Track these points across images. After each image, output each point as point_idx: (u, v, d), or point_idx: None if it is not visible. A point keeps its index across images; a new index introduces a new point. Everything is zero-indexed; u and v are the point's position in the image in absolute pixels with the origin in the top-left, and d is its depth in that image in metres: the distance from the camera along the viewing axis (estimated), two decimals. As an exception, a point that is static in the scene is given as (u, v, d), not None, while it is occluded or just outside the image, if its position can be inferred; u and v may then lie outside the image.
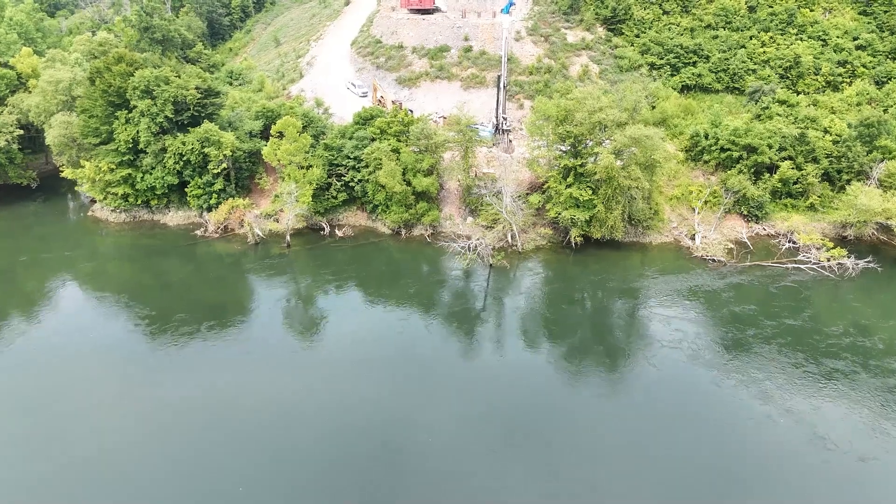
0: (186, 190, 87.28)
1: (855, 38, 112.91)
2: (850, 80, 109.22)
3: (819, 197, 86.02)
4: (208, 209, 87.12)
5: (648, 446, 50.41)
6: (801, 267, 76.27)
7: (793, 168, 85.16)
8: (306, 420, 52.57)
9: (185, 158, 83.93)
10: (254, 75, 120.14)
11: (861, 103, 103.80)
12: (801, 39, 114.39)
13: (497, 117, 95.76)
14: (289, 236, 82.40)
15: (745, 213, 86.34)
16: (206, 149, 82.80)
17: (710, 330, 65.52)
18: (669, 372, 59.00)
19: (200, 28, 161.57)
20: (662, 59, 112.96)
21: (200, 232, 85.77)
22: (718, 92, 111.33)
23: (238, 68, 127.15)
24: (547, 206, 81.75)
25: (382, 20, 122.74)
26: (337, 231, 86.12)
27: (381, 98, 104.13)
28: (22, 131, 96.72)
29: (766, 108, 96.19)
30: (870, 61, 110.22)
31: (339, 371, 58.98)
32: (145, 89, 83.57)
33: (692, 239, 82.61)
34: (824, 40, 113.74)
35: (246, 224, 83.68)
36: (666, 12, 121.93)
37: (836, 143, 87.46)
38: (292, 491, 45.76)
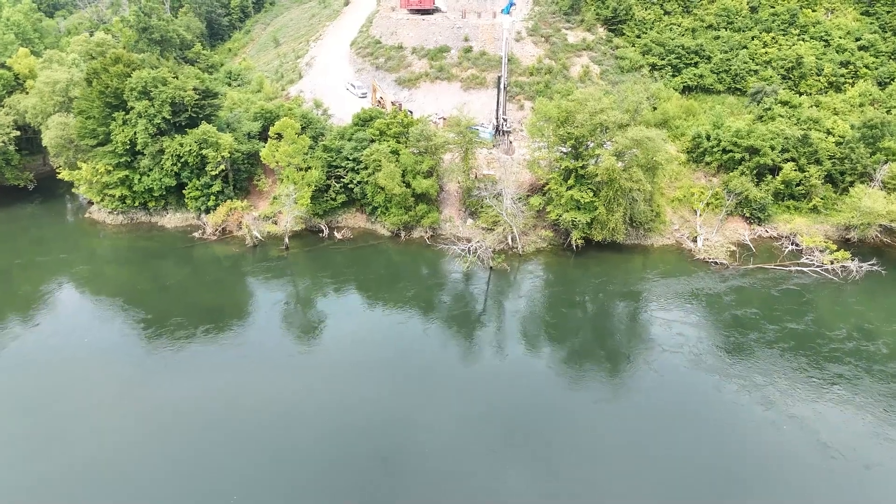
0: (184, 192, 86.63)
1: (857, 39, 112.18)
2: (852, 81, 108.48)
3: (822, 199, 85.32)
4: (206, 211, 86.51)
5: (649, 449, 49.85)
6: (805, 270, 75.60)
7: (795, 170, 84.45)
8: (306, 421, 52.17)
9: (182, 160, 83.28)
10: (252, 76, 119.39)
11: (864, 104, 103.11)
12: (804, 40, 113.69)
13: (497, 118, 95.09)
14: (287, 238, 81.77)
15: (747, 215, 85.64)
16: (204, 150, 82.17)
17: (711, 334, 64.89)
18: (670, 376, 58.44)
19: (199, 28, 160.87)
20: (664, 59, 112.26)
21: (198, 234, 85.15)
22: (720, 93, 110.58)
23: (237, 69, 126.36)
24: (548, 208, 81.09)
25: (382, 20, 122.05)
26: (336, 233, 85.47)
27: (381, 99, 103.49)
28: (19, 132, 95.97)
29: (768, 109, 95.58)
30: (872, 62, 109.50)
31: (337, 374, 58.40)
32: (143, 90, 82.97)
33: (694, 241, 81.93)
34: (826, 41, 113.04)
35: (244, 226, 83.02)
36: (667, 13, 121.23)
37: (839, 145, 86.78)
38: (292, 491, 45.63)
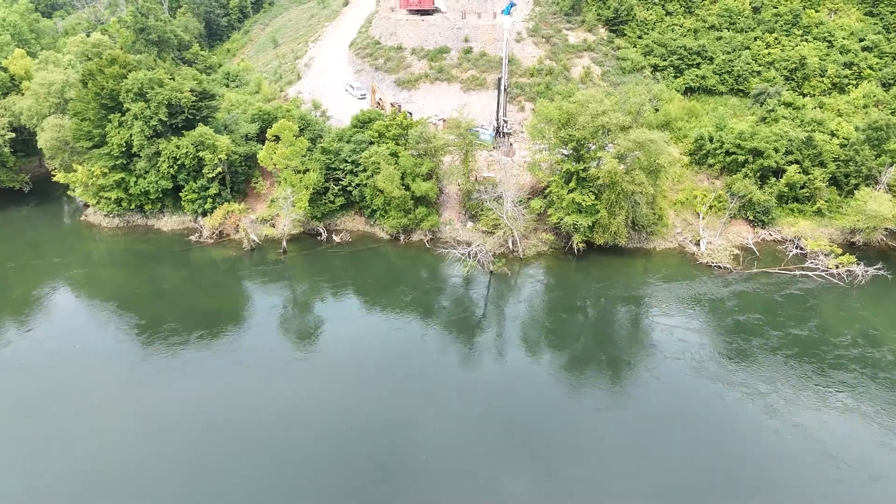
0: (181, 194, 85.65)
1: (861, 40, 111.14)
2: (856, 82, 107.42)
3: (826, 202, 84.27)
4: (203, 214, 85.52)
5: (650, 455, 49.04)
6: (809, 274, 74.54)
7: (799, 172, 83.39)
8: (305, 422, 52.01)
9: (179, 162, 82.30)
10: (251, 77, 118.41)
11: (868, 106, 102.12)
12: (807, 41, 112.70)
13: (498, 120, 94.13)
14: (285, 242, 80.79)
15: (750, 218, 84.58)
16: (201, 152, 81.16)
17: (714, 340, 63.84)
18: (672, 383, 57.43)
19: (198, 29, 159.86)
20: (665, 60, 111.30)
21: (195, 237, 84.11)
22: (723, 94, 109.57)
23: (235, 70, 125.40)
24: (549, 211, 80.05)
25: (381, 21, 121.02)
26: (334, 236, 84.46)
27: (380, 100, 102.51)
28: (14, 134, 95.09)
29: (771, 110, 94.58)
30: (876, 63, 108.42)
31: (336, 376, 57.74)
32: (139, 92, 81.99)
33: (697, 245, 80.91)
34: (830, 41, 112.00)
35: (241, 229, 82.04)
36: (669, 13, 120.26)
37: (844, 147, 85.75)
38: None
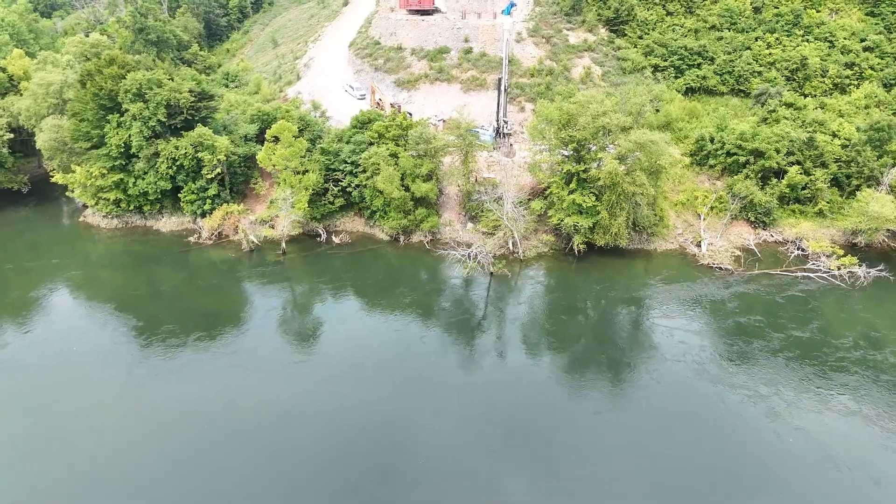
0: (180, 195, 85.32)
1: (862, 40, 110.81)
2: (857, 83, 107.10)
3: (828, 203, 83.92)
4: (202, 215, 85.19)
5: (649, 454, 48.72)
6: (811, 276, 74.14)
7: (801, 173, 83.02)
8: (304, 422, 51.84)
9: (178, 163, 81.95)
10: (250, 77, 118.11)
11: (869, 106, 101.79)
12: (808, 41, 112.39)
13: (498, 120, 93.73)
14: (284, 243, 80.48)
15: (752, 219, 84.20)
16: (200, 153, 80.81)
17: (715, 342, 63.44)
18: (672, 386, 57.02)
19: (197, 29, 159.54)
20: (666, 60, 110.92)
21: (194, 238, 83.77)
22: (723, 94, 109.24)
23: (234, 70, 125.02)
24: (549, 212, 79.67)
25: (381, 21, 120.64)
26: (334, 237, 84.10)
27: (380, 101, 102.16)
28: (12, 135, 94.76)
29: (772, 111, 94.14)
30: (878, 63, 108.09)
31: (335, 378, 57.44)
32: (137, 92, 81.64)
33: (698, 246, 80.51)
34: (831, 42, 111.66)
35: (240, 230, 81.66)
36: (669, 13, 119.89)
37: (845, 148, 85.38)
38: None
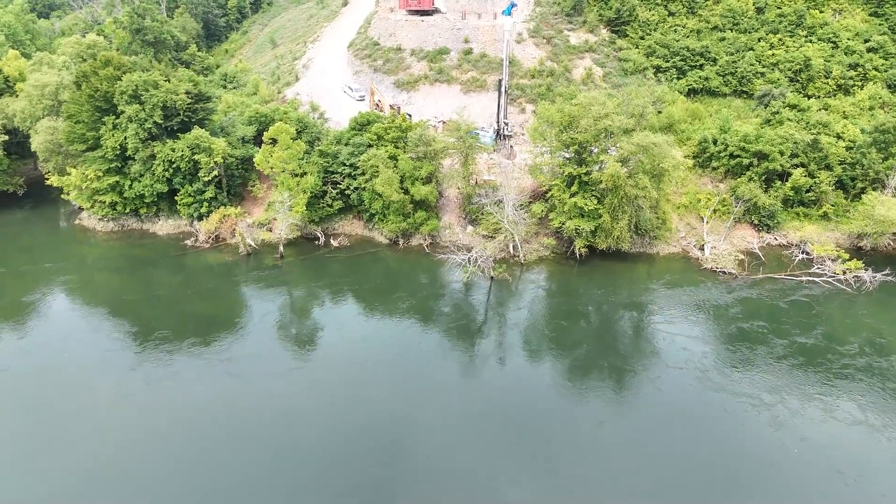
0: (176, 198, 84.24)
1: (866, 41, 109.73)
2: (861, 84, 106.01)
3: (833, 206, 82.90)
4: (199, 218, 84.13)
5: (651, 463, 47.81)
6: (816, 280, 73.12)
7: (805, 175, 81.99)
8: (299, 429, 50.98)
9: (174, 165, 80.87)
10: (248, 78, 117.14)
11: (874, 107, 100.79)
12: (811, 41, 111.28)
13: (498, 122, 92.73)
14: (282, 246, 79.50)
15: (755, 222, 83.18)
16: (197, 155, 79.75)
17: (718, 348, 62.41)
18: (674, 394, 55.98)
19: (195, 29, 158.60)
20: (668, 61, 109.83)
21: (191, 242, 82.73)
22: (726, 96, 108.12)
23: (233, 71, 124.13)
24: (550, 215, 78.63)
25: (380, 21, 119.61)
26: (332, 241, 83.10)
27: (379, 102, 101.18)
28: (7, 136, 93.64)
29: (776, 112, 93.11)
30: (882, 64, 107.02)
31: (330, 386, 56.35)
32: (133, 94, 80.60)
33: (701, 250, 79.49)
34: (835, 42, 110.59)
35: (238, 234, 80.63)
36: (671, 13, 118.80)
37: (850, 150, 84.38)
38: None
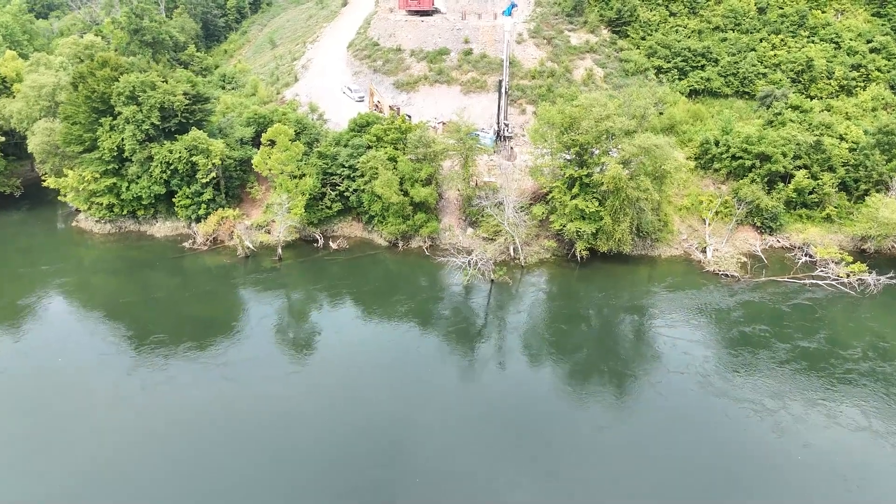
0: (174, 200, 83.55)
1: (869, 41, 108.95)
2: (864, 85, 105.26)
3: (836, 208, 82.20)
4: (197, 220, 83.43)
5: (652, 470, 47.15)
6: (820, 283, 72.37)
7: (808, 177, 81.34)
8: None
9: (172, 167, 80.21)
10: (247, 79, 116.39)
11: (876, 109, 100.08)
12: (813, 42, 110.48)
13: (498, 123, 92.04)
14: (280, 249, 78.80)
15: (758, 224, 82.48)
16: (195, 157, 79.07)
17: (719, 353, 61.71)
18: (675, 399, 55.21)
19: (194, 29, 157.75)
20: (669, 62, 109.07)
21: (189, 244, 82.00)
22: (728, 97, 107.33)
23: (231, 72, 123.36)
24: (551, 217, 77.96)
25: (380, 22, 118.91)
26: (331, 243, 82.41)
27: (378, 103, 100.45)
28: (4, 138, 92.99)
29: (778, 113, 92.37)
30: (885, 65, 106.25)
31: (328, 391, 55.74)
32: (130, 95, 79.89)
33: (703, 252, 78.79)
34: (837, 43, 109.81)
35: (236, 236, 79.93)
36: (673, 14, 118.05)
37: (853, 151, 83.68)
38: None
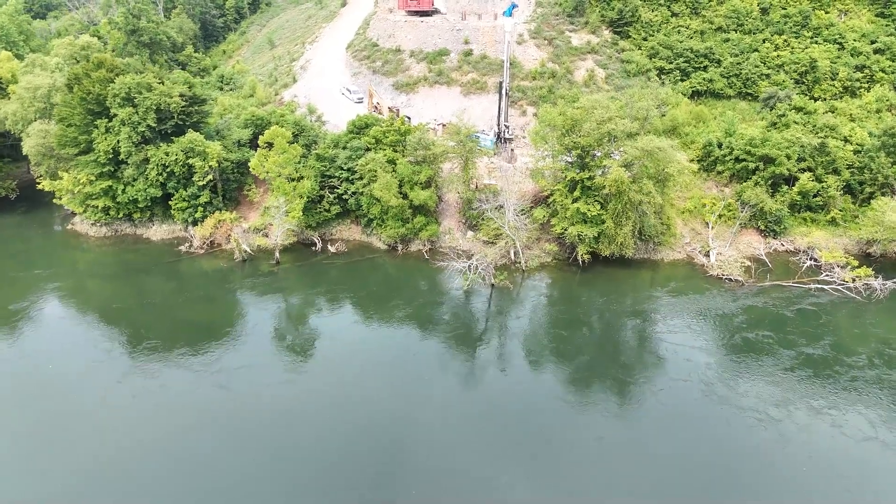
0: (171, 203, 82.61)
1: (873, 42, 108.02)
2: (868, 86, 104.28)
3: (841, 211, 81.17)
4: (193, 223, 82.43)
5: (653, 479, 46.34)
6: (825, 287, 71.32)
7: (812, 180, 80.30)
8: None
9: (168, 170, 79.24)
10: (245, 80, 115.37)
11: (881, 110, 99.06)
12: (817, 43, 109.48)
13: (499, 125, 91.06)
14: (278, 252, 77.83)
15: (762, 227, 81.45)
16: (191, 160, 78.15)
17: (722, 359, 60.61)
18: (677, 407, 54.21)
19: (193, 30, 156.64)
20: (671, 63, 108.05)
21: (185, 247, 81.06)
22: (731, 98, 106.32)
23: (230, 72, 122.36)
24: (552, 220, 76.95)
25: (379, 22, 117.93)
26: (329, 246, 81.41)
27: (378, 104, 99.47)
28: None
29: (782, 115, 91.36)
30: (889, 66, 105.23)
31: (324, 396, 54.89)
32: (126, 96, 78.90)
33: (706, 256, 77.77)
34: (841, 44, 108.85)
35: (233, 239, 78.93)
36: (675, 14, 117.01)
37: (858, 154, 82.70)
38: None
